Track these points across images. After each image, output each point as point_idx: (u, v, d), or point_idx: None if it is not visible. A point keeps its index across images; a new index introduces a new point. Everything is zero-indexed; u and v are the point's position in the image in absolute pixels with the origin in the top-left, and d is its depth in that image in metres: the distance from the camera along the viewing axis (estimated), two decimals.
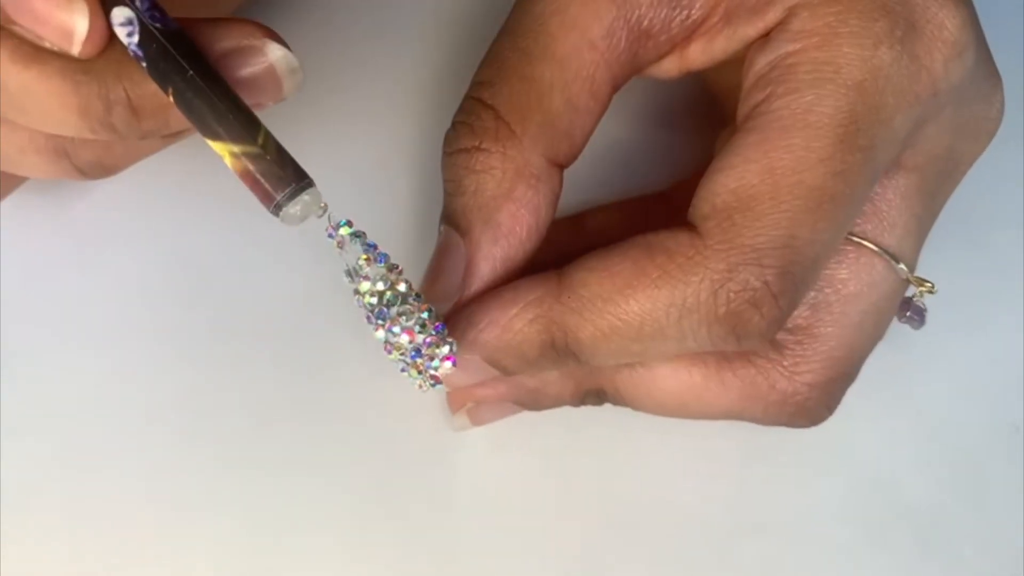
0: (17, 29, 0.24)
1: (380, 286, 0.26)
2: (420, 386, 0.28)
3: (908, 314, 0.31)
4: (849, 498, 0.33)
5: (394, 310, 0.26)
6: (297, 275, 0.33)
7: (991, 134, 0.30)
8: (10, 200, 0.33)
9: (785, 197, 0.26)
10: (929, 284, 0.30)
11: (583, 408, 0.31)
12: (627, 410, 0.31)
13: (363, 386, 0.33)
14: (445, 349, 0.26)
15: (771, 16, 0.27)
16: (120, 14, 0.24)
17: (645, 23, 0.28)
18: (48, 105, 0.25)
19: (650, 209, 0.34)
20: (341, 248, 0.26)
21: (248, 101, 0.25)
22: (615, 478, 0.33)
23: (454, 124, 0.28)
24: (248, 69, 0.26)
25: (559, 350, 0.28)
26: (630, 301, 0.26)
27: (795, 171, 0.26)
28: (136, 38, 0.24)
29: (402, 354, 0.27)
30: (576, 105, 0.28)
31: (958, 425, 0.34)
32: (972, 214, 0.34)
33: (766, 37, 0.27)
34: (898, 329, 0.31)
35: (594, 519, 0.33)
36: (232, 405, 0.33)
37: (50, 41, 0.24)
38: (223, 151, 0.24)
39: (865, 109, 0.26)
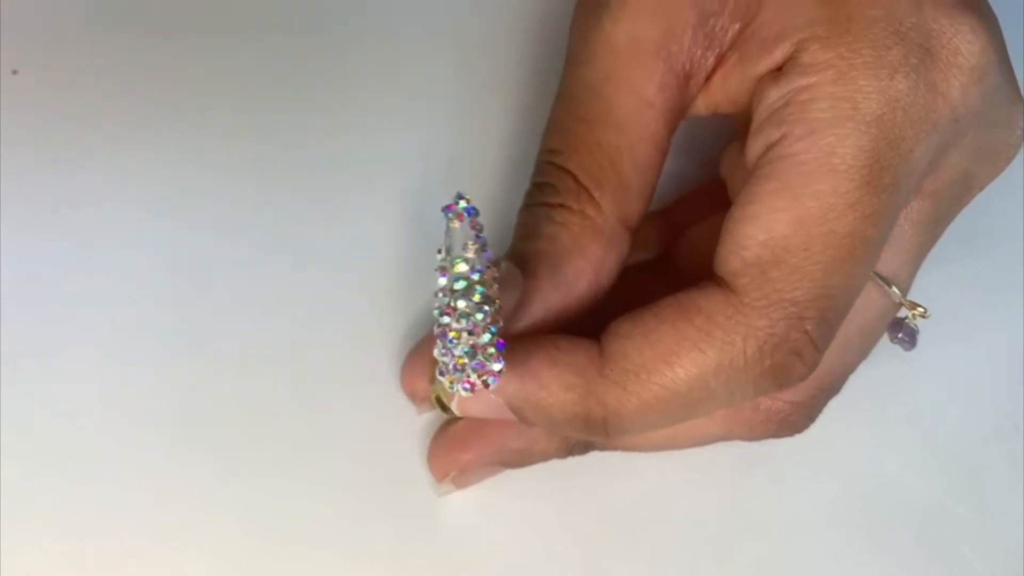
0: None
1: (476, 276, 0.25)
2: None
3: (900, 335, 0.31)
4: (848, 498, 0.33)
5: (475, 299, 0.25)
6: (298, 275, 0.33)
7: (1009, 159, 0.29)
8: (10, 200, 0.33)
9: (818, 247, 0.25)
10: (922, 309, 0.30)
11: None
12: None
13: (363, 387, 0.33)
14: (497, 366, 0.26)
15: (779, 52, 0.27)
16: None
17: (687, 67, 0.28)
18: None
19: (652, 226, 0.33)
20: (458, 224, 0.25)
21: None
22: (614, 480, 0.33)
23: (537, 184, 0.28)
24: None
25: (591, 424, 0.27)
26: (676, 369, 0.26)
27: (825, 219, 0.25)
28: None
29: (452, 340, 0.26)
30: (643, 165, 0.28)
31: (958, 425, 0.34)
32: (972, 214, 0.34)
33: (778, 72, 0.27)
34: None
35: (593, 521, 0.33)
36: (232, 405, 0.33)
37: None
38: None
39: (886, 144, 0.25)
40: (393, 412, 0.33)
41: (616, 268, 0.28)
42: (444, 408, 0.29)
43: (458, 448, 0.31)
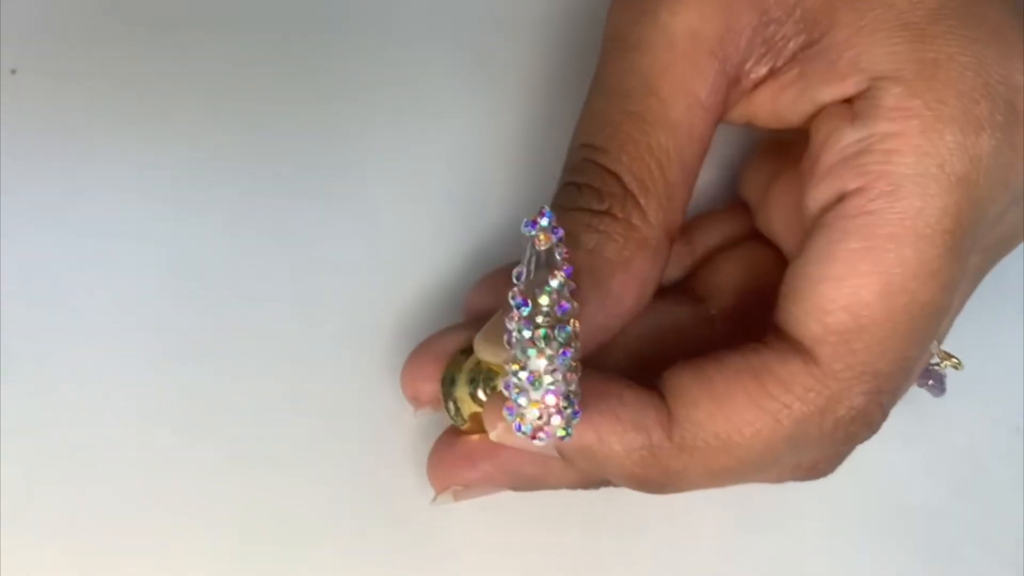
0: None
1: (562, 313, 0.23)
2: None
3: (930, 382, 0.30)
4: (849, 498, 0.33)
5: (561, 339, 0.23)
6: (299, 274, 0.33)
7: None
8: (10, 199, 0.33)
9: (902, 318, 0.25)
10: (956, 360, 0.29)
11: None
12: None
13: (364, 387, 0.33)
14: (577, 418, 0.24)
15: (851, 83, 0.25)
16: None
17: (737, 71, 0.26)
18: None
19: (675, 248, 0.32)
20: (543, 244, 0.23)
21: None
22: None
23: (577, 185, 0.26)
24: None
25: (647, 485, 0.26)
26: (753, 441, 0.25)
27: (908, 289, 0.24)
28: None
29: (533, 381, 0.24)
30: (690, 169, 0.26)
31: (958, 425, 0.34)
32: None
33: (848, 106, 0.25)
34: None
35: (594, 518, 0.33)
36: (232, 405, 0.33)
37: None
38: None
39: (968, 206, 0.24)
40: (393, 412, 0.32)
41: (658, 282, 0.27)
42: (457, 419, 0.28)
43: (465, 465, 0.28)
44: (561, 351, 0.23)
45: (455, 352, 0.28)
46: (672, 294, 0.31)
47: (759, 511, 0.33)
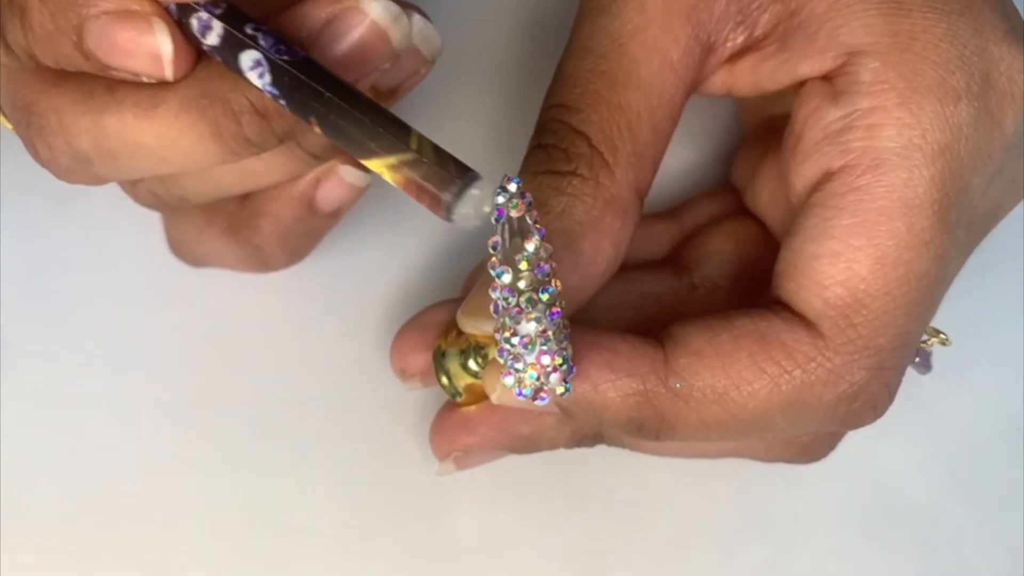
0: (114, 74, 0.24)
1: (542, 274, 0.23)
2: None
3: (917, 360, 0.30)
4: (849, 498, 0.33)
5: (545, 299, 0.24)
6: (299, 271, 0.33)
7: None
8: (10, 200, 0.33)
9: (899, 291, 0.25)
10: (944, 336, 0.29)
11: None
12: None
13: (362, 387, 0.33)
14: (572, 373, 0.25)
15: (829, 57, 0.25)
16: (248, 57, 0.23)
17: (712, 38, 0.27)
18: (185, 143, 0.24)
19: (665, 229, 0.32)
20: (515, 212, 0.23)
21: (380, 80, 0.24)
22: (618, 476, 0.33)
23: (544, 147, 0.26)
24: (356, 33, 0.24)
25: (644, 430, 0.26)
26: (748, 400, 0.25)
27: (901, 260, 0.25)
28: (268, 77, 0.23)
29: (527, 346, 0.24)
30: (660, 131, 0.26)
31: (959, 425, 0.34)
32: None
33: (828, 83, 0.26)
34: None
35: (595, 518, 0.33)
36: (233, 404, 0.33)
37: (146, 74, 0.23)
38: (380, 168, 0.22)
39: (951, 176, 0.25)
40: (395, 410, 0.33)
41: (629, 239, 0.27)
42: (451, 391, 0.29)
43: (464, 431, 0.29)
44: (548, 312, 0.24)
45: (444, 325, 0.29)
46: (658, 265, 0.31)
47: (761, 509, 0.33)
